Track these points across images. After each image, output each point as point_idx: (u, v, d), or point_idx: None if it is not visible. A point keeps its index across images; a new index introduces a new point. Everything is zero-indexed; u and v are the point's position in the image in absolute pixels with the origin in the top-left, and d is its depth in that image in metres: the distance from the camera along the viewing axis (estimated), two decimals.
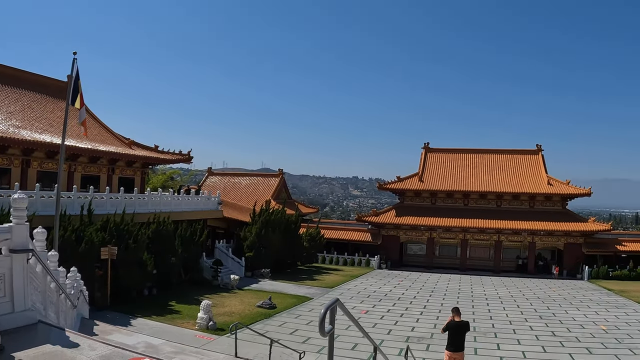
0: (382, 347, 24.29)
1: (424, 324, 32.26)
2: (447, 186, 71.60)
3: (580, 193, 69.07)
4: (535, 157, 77.42)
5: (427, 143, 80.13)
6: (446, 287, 50.31)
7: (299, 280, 48.68)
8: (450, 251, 70.35)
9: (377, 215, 70.42)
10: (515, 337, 29.73)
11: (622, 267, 63.25)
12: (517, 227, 66.52)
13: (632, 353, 26.78)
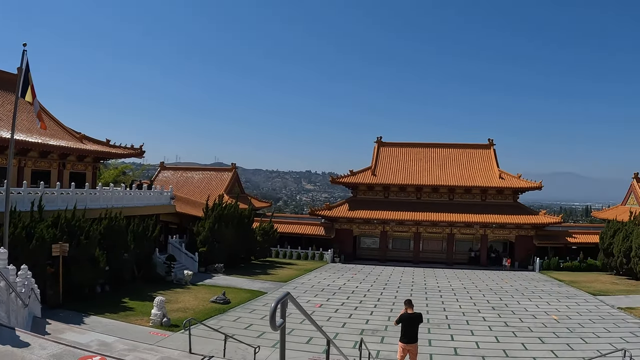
0: (337, 340, 24.40)
1: (378, 317, 32.46)
2: (399, 180, 72.02)
3: (531, 186, 70.33)
4: (486, 152, 78.45)
5: (379, 137, 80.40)
6: (399, 280, 50.67)
7: (252, 274, 48.50)
8: (404, 244, 70.86)
9: (330, 209, 70.51)
10: (469, 328, 30.15)
11: (573, 258, 64.65)
12: (470, 220, 67.41)
13: (584, 342, 27.40)
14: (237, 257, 53.36)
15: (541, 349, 25.59)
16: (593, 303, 39.95)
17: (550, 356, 24.22)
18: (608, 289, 46.58)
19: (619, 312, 36.01)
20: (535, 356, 24.08)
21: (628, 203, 71.98)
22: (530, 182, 70.88)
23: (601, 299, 41.69)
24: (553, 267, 62.71)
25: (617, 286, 48.84)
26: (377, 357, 22.28)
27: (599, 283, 50.47)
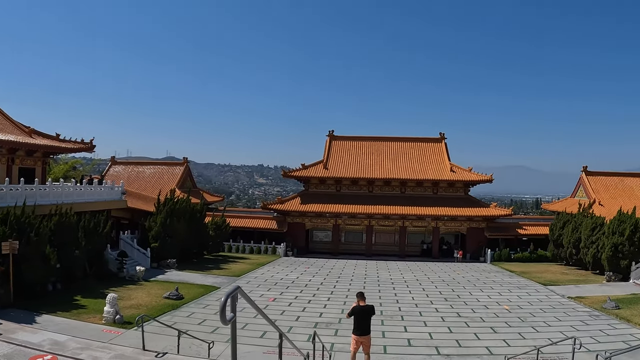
0: (291, 334, 24.39)
1: (332, 310, 32.54)
2: (351, 173, 72.21)
3: (482, 179, 71.33)
4: (438, 145, 79.20)
5: (331, 131, 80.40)
6: (352, 273, 50.86)
7: (205, 269, 48.19)
8: (356, 237, 71.16)
9: (282, 202, 70.41)
10: (422, 319, 30.45)
11: (523, 249, 65.88)
12: (422, 213, 67.97)
13: (535, 330, 27.95)
14: (190, 252, 52.95)
15: (493, 339, 26.02)
16: (544, 293, 40.78)
17: (502, 345, 24.58)
18: (558, 279, 47.60)
19: (569, 302, 36.85)
20: (487, 345, 24.43)
21: (577, 196, 73.46)
22: (481, 175, 71.92)
23: (551, 288, 42.57)
24: (504, 258, 63.78)
25: (567, 276, 49.94)
26: (331, 349, 22.34)
27: (549, 273, 51.50)
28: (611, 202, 63.03)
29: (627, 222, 47.76)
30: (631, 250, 46.58)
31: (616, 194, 68.73)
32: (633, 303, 34.85)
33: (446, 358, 22.23)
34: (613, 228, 48.47)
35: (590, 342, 24.45)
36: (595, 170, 74.15)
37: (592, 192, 68.47)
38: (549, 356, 21.46)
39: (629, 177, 74.28)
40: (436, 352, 23.21)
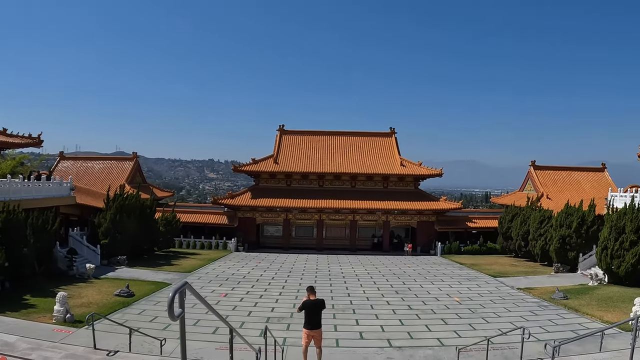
0: (243, 329, 24.31)
1: (283, 304, 32.48)
2: (302, 168, 72.18)
3: (432, 174, 72.06)
4: (388, 140, 79.69)
5: (282, 125, 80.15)
6: (304, 267, 50.90)
7: (156, 266, 47.69)
8: (307, 232, 71.26)
9: (232, 197, 70.02)
10: (373, 312, 30.59)
11: (473, 242, 66.89)
12: (372, 207, 68.37)
13: (485, 321, 28.42)
14: (140, 248, 52.24)
15: (444, 330, 26.30)
16: (493, 284, 41.47)
17: (453, 336, 24.88)
18: (507, 271, 48.44)
19: (518, 293, 37.54)
20: (438, 337, 24.67)
21: (525, 189, 74.86)
22: (431, 170, 72.66)
23: (501, 280, 43.31)
24: (454, 251, 64.62)
25: (516, 268, 50.86)
26: (283, 344, 22.31)
27: (498, 265, 52.41)
28: (559, 196, 64.37)
29: (574, 215, 48.81)
30: (578, 242, 47.64)
31: (564, 187, 70.24)
32: (581, 293, 35.67)
33: (398, 350, 22.35)
34: (561, 221, 49.48)
35: (540, 332, 24.92)
36: (544, 164, 75.72)
37: (540, 185, 69.86)
38: (499, 346, 21.77)
39: (576, 171, 76.16)
40: (388, 344, 23.34)
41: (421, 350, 22.34)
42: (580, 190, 68.43)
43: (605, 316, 28.50)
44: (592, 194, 60.37)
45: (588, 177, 74.64)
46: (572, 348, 19.19)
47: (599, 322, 27.43)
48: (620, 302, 32.00)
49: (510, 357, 19.94)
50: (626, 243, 38.69)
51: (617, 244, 39.21)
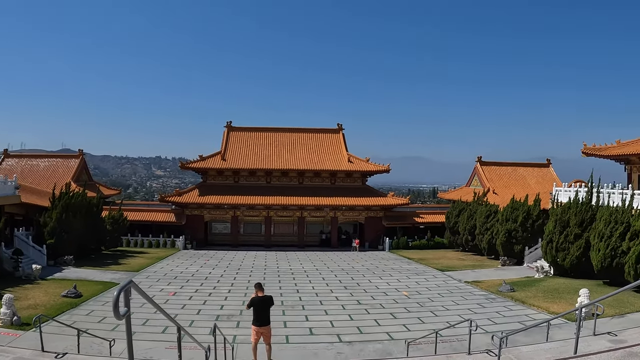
0: (193, 328, 24.05)
1: (233, 302, 32.26)
2: (249, 164, 71.84)
3: (379, 170, 72.52)
4: (336, 136, 79.86)
5: (229, 122, 79.55)
6: (252, 264, 50.70)
7: (104, 265, 46.89)
8: (255, 228, 71.04)
9: (180, 195, 69.35)
10: (323, 308, 30.64)
11: (421, 237, 67.61)
12: (320, 203, 68.47)
13: (434, 315, 28.69)
14: (87, 248, 51.28)
15: (393, 324, 26.47)
16: (441, 278, 41.96)
17: (402, 330, 25.04)
18: (455, 265, 49.05)
19: (466, 286, 38.07)
20: (388, 331, 24.80)
21: (472, 185, 75.82)
22: (378, 166, 73.05)
23: (449, 274, 43.86)
24: (402, 246, 65.22)
25: (464, 262, 51.53)
26: (233, 342, 22.13)
27: (446, 259, 53.05)
28: (505, 191, 65.38)
29: (520, 210, 49.65)
30: (524, 235, 48.49)
31: (509, 182, 71.37)
32: (527, 285, 36.31)
33: (348, 345, 22.40)
34: (507, 215, 50.27)
35: (488, 324, 25.24)
36: (490, 160, 76.82)
37: (486, 181, 70.83)
38: (448, 339, 21.97)
39: (522, 167, 77.56)
40: (338, 339, 23.37)
41: (371, 344, 22.43)
42: (526, 185, 69.66)
43: (552, 307, 29.03)
44: (538, 188, 61.37)
45: (533, 172, 76.01)
46: (520, 339, 19.44)
47: (546, 313, 27.95)
48: (566, 294, 32.66)
49: (459, 349, 20.10)
50: (571, 236, 39.49)
51: (562, 237, 40.00)
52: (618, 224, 34.84)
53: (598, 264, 35.35)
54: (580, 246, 38.64)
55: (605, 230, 35.37)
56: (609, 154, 47.79)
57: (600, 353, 6.70)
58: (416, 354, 18.89)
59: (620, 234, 34.30)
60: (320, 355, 20.85)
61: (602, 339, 11.61)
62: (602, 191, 41.30)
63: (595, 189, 41.03)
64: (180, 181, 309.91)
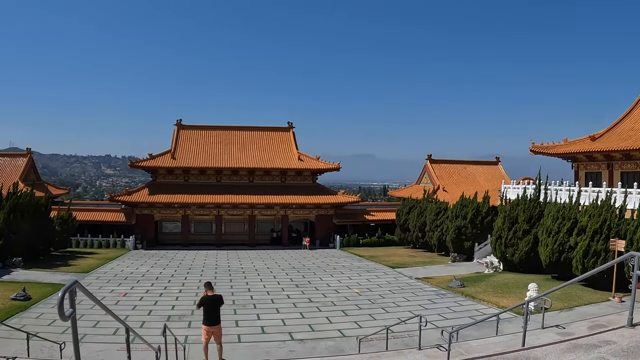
0: (144, 329, 23.83)
1: (184, 302, 32.01)
2: (200, 163, 71.37)
3: (330, 167, 72.76)
4: (286, 134, 79.84)
5: (179, 120, 78.75)
6: (203, 264, 50.43)
7: (53, 267, 46.01)
8: (206, 227, 70.66)
9: (129, 194, 68.51)
10: (274, 307, 30.58)
11: (372, 234, 68.14)
12: (270, 202, 68.39)
13: (385, 311, 28.96)
14: (36, 249, 50.30)
15: (345, 321, 26.60)
16: (392, 275, 42.35)
17: (354, 327, 25.18)
18: (406, 262, 49.54)
19: (416, 282, 38.51)
20: (339, 328, 24.93)
21: (422, 182, 76.47)
22: (329, 164, 73.29)
23: (400, 271, 44.28)
24: (353, 243, 65.62)
25: (415, 258, 52.08)
26: (185, 342, 21.98)
27: (397, 256, 53.54)
28: (454, 188, 66.13)
29: (469, 207, 50.40)
30: (473, 232, 49.22)
31: (459, 180, 72.18)
32: (477, 281, 36.89)
33: (300, 343, 22.45)
34: (456, 212, 50.98)
35: (438, 319, 25.61)
36: (440, 158, 77.64)
37: (436, 178, 71.51)
38: (399, 334, 22.21)
39: (471, 165, 78.61)
40: (290, 337, 23.39)
41: (323, 342, 22.51)
42: (475, 182, 70.59)
43: (501, 302, 29.54)
44: (487, 186, 62.28)
45: (483, 170, 77.08)
46: (470, 333, 19.69)
47: (495, 307, 28.43)
48: (515, 288, 33.28)
49: (410, 344, 20.28)
50: (519, 232, 40.20)
51: (511, 233, 40.68)
52: (565, 220, 35.63)
53: (546, 259, 36.10)
54: (528, 242, 39.37)
55: (553, 226, 36.13)
56: (556, 152, 48.78)
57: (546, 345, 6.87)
58: (368, 350, 19.02)
59: (568, 229, 35.09)
60: (273, 353, 20.85)
61: (551, 331, 11.86)
62: (549, 188, 42.17)
63: (543, 186, 41.91)
64: (131, 180, 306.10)
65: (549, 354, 6.41)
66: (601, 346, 6.51)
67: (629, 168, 44.36)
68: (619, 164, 45.24)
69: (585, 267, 32.34)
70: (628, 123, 48.28)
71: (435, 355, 12.96)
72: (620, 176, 44.43)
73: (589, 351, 6.37)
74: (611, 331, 7.19)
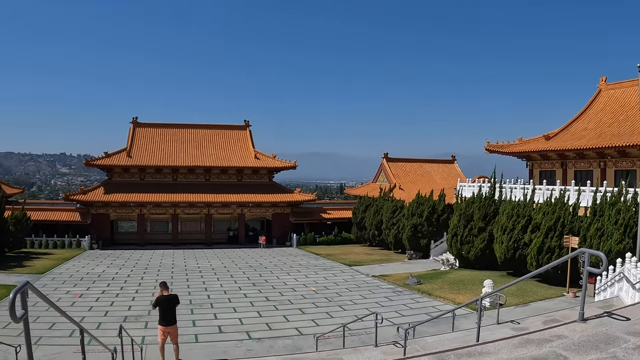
0: (100, 330, 23.59)
1: (141, 302, 31.71)
2: (156, 161, 70.77)
3: (286, 166, 72.89)
4: (243, 133, 79.60)
5: (135, 118, 77.70)
6: (160, 263, 50.03)
7: (7, 268, 45.12)
8: (162, 226, 70.09)
9: (85, 193, 67.55)
10: (231, 306, 30.50)
11: (328, 233, 68.39)
12: (227, 200, 68.18)
13: (342, 309, 29.09)
14: None
15: (302, 319, 26.68)
16: (349, 273, 42.56)
17: (311, 325, 25.26)
18: (362, 260, 49.80)
19: (373, 280, 38.76)
20: (297, 327, 24.99)
21: (379, 180, 76.97)
22: (285, 162, 73.42)
23: (356, 269, 44.51)
24: (310, 242, 65.77)
25: (371, 256, 52.38)
26: (142, 342, 21.82)
27: (353, 254, 53.80)
28: (411, 186, 66.62)
29: (425, 205, 50.92)
30: (430, 230, 49.75)
31: (415, 178, 72.84)
32: (433, 278, 37.31)
33: (257, 342, 22.44)
34: (412, 210, 51.44)
35: (395, 317, 25.86)
36: (397, 156, 78.17)
37: (392, 177, 72.05)
38: (357, 332, 22.36)
39: (428, 163, 79.50)
40: (247, 336, 23.36)
41: (280, 340, 22.56)
42: (431, 180, 71.29)
43: (457, 298, 29.93)
44: (443, 184, 62.96)
45: (439, 168, 77.94)
46: (427, 329, 19.92)
47: (451, 304, 28.82)
48: (471, 285, 33.78)
49: (367, 341, 20.42)
50: (475, 230, 40.78)
51: (467, 230, 41.24)
52: (520, 217, 36.29)
53: (501, 255, 36.69)
54: (484, 239, 39.96)
55: (508, 223, 36.75)
56: (511, 151, 49.60)
57: (500, 340, 7.00)
58: (325, 348, 19.07)
59: (522, 227, 35.75)
60: (230, 353, 20.82)
61: (505, 327, 12.03)
62: (504, 186, 42.89)
63: (498, 185, 42.56)
64: (86, 179, 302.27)
65: (502, 348, 6.55)
66: (553, 340, 6.67)
67: (582, 167, 45.28)
68: (572, 163, 46.16)
69: (539, 263, 32.99)
70: (581, 123, 49.35)
71: (392, 352, 13.08)
72: (574, 174, 45.41)
73: (541, 345, 6.52)
74: (563, 326, 7.36)
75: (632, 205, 30.52)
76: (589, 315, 7.68)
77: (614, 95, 50.20)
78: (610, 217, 30.85)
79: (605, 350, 6.12)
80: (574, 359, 5.91)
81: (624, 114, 46.27)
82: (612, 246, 29.35)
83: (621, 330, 6.84)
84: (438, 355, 6.38)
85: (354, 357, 12.17)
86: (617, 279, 22.49)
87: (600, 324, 7.24)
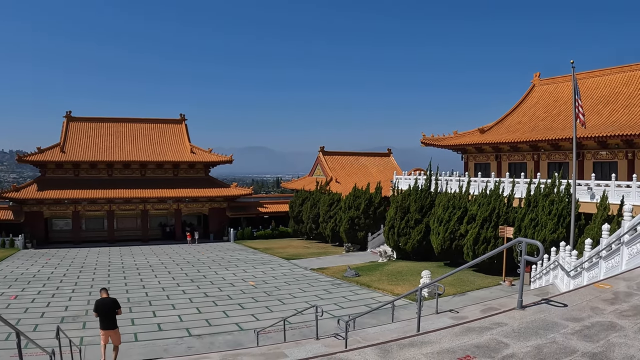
0: (37, 332, 23.08)
1: (78, 302, 31.08)
2: (90, 157, 69.32)
3: (222, 160, 72.46)
4: (178, 127, 78.78)
5: (69, 112, 75.74)
6: (96, 261, 49.10)
7: None
8: (98, 224, 68.79)
9: (17, 190, 65.82)
10: (170, 303, 30.18)
11: (266, 227, 68.41)
12: (163, 196, 67.44)
13: (282, 303, 29.12)
14: None
15: (242, 314, 26.62)
16: (287, 267, 42.63)
17: (251, 320, 25.22)
18: (300, 253, 49.98)
19: (312, 273, 38.96)
20: (237, 322, 24.89)
21: (315, 174, 77.07)
22: (221, 156, 72.97)
23: (295, 262, 44.67)
24: (247, 236, 65.74)
25: (309, 250, 52.58)
26: (80, 343, 21.45)
27: (291, 248, 53.94)
28: (347, 180, 67.01)
29: (362, 197, 51.31)
30: (367, 222, 50.17)
31: (352, 171, 73.18)
32: (372, 270, 37.67)
33: (198, 338, 22.30)
34: (349, 203, 51.80)
35: (335, 309, 26.02)
36: (332, 150, 78.42)
37: (329, 170, 72.23)
38: (297, 325, 22.48)
39: (364, 156, 79.92)
40: (187, 333, 23.17)
41: (221, 336, 22.48)
42: (368, 174, 71.77)
43: (396, 289, 30.33)
44: (379, 177, 63.60)
45: (375, 161, 78.50)
46: (367, 321, 20.14)
47: (390, 295, 29.15)
48: (409, 276, 34.22)
49: (308, 334, 20.50)
50: (411, 222, 41.33)
51: (403, 222, 41.74)
52: (456, 209, 36.96)
53: (438, 246, 37.30)
54: (420, 231, 40.53)
55: (444, 215, 37.37)
56: (446, 144, 50.36)
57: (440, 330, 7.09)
58: (266, 343, 19.10)
59: (458, 218, 36.41)
60: (171, 350, 20.64)
61: (445, 316, 12.26)
62: (440, 179, 43.57)
63: (434, 177, 43.19)
64: (19, 175, 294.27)
65: (443, 337, 6.64)
66: (493, 328, 6.80)
67: (516, 159, 46.25)
68: (507, 156, 47.12)
69: (475, 253, 33.69)
70: (516, 116, 50.45)
71: (333, 344, 13.20)
72: (509, 167, 46.41)
73: (482, 333, 6.64)
74: (502, 313, 7.50)
75: (565, 196, 31.48)
76: (527, 303, 7.85)
77: (548, 90, 51.55)
78: (544, 208, 31.77)
79: (545, 335, 6.28)
80: (515, 345, 6.04)
81: (557, 108, 47.52)
82: (546, 235, 30.19)
83: (559, 317, 7.02)
84: (380, 347, 6.43)
85: (295, 351, 12.22)
86: (552, 267, 23.13)
87: (539, 311, 7.41)
